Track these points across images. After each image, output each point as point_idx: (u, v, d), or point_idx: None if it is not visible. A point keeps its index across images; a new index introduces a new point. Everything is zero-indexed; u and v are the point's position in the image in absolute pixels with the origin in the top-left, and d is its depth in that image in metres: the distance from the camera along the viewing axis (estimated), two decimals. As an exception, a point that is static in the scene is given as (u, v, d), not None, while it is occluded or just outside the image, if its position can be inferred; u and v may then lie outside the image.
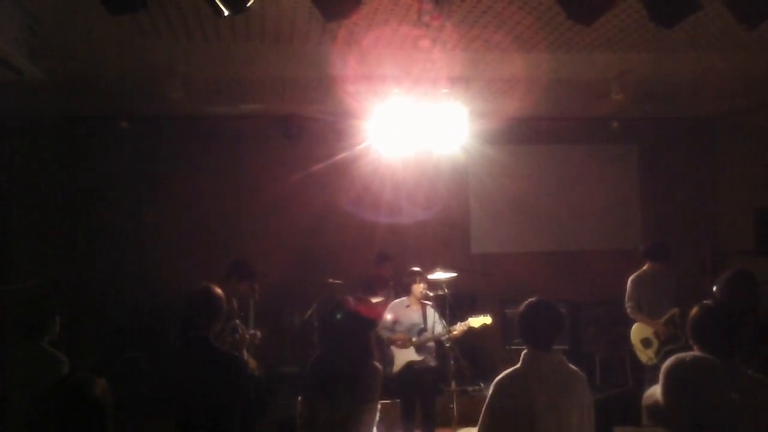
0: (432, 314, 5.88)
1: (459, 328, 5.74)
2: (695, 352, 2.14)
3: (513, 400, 3.03)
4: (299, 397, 3.39)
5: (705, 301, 2.81)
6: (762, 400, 2.51)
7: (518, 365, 3.13)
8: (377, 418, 3.34)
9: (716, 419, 1.97)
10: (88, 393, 2.14)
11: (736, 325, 2.72)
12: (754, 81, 6.57)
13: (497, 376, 3.16)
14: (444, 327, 5.79)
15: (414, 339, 5.83)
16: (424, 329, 5.84)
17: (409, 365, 5.80)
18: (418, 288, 5.83)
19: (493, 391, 3.10)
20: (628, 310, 6.34)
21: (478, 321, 5.76)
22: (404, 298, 5.99)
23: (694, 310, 2.78)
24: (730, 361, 2.61)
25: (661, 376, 2.09)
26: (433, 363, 5.88)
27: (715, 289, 3.95)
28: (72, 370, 3.65)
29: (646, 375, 6.24)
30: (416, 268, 5.95)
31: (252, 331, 5.44)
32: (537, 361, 3.09)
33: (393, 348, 5.87)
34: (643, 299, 6.29)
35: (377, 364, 3.41)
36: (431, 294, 5.98)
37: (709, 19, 4.90)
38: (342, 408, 3.23)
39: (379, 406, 3.36)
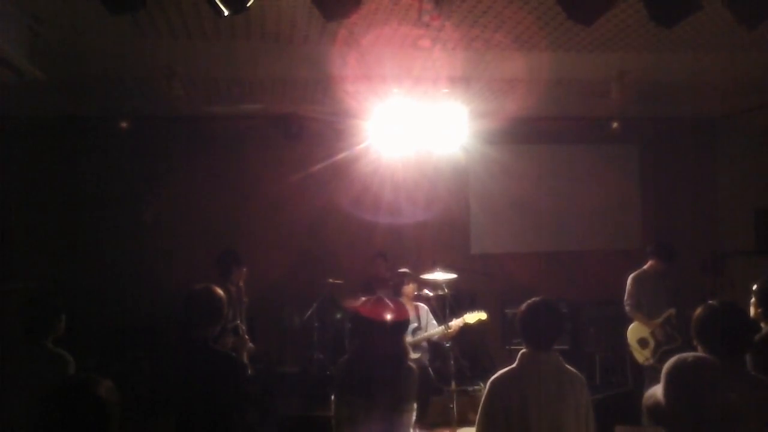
0: (425, 314, 6.06)
1: (455, 323, 5.90)
2: (697, 353, 2.14)
3: (507, 399, 3.02)
4: (333, 397, 3.40)
5: (709, 301, 2.80)
6: (764, 400, 2.50)
7: (514, 365, 3.13)
8: (414, 418, 3.35)
9: (718, 420, 1.97)
10: (92, 394, 2.13)
11: (740, 325, 2.71)
12: (754, 81, 6.57)
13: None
14: (436, 326, 5.97)
15: (410, 338, 5.94)
16: (419, 328, 5.98)
17: None
18: (409, 288, 6.03)
19: (488, 390, 3.11)
20: (627, 308, 6.34)
21: (473, 317, 5.94)
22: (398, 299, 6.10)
23: (698, 310, 2.78)
24: (733, 362, 2.61)
25: (662, 377, 2.09)
26: (427, 361, 6.03)
27: (753, 299, 3.85)
28: (76, 370, 3.63)
29: (645, 375, 6.24)
30: (404, 269, 6.17)
31: (250, 345, 5.53)
32: (533, 361, 3.09)
33: None
34: (642, 298, 6.28)
35: (412, 365, 3.43)
36: (431, 294, 6.12)
37: (709, 19, 4.90)
38: (381, 409, 3.23)
39: (415, 406, 3.36)
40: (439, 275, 6.06)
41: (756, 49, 5.67)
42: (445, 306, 6.05)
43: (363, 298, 3.62)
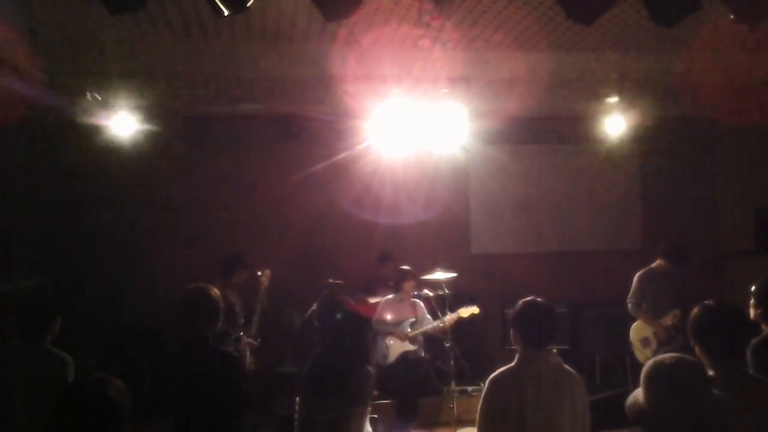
0: (422, 309, 6.33)
1: (449, 318, 6.07)
2: (675, 354, 2.16)
3: (504, 398, 3.02)
4: (297, 397, 3.41)
5: (706, 302, 2.80)
6: (763, 400, 2.51)
7: (512, 363, 3.13)
8: (367, 424, 3.33)
9: (698, 421, 1.97)
10: (102, 394, 2.13)
11: (738, 325, 2.71)
12: (754, 81, 6.57)
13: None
14: (431, 321, 6.24)
15: (408, 331, 6.19)
16: (416, 322, 6.25)
17: (404, 355, 6.15)
18: (409, 285, 6.26)
19: (487, 388, 3.11)
20: (629, 306, 6.30)
21: (467, 311, 6.12)
22: (396, 295, 6.35)
23: (695, 310, 2.78)
24: (731, 362, 2.61)
25: (641, 379, 2.09)
26: (422, 354, 6.27)
27: (752, 300, 3.82)
28: (75, 371, 3.63)
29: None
30: (407, 267, 6.35)
31: (250, 340, 5.61)
32: (531, 361, 3.08)
33: (389, 340, 6.17)
34: (647, 297, 6.26)
35: (370, 368, 3.42)
36: (431, 294, 6.27)
37: (709, 19, 4.90)
38: (331, 410, 3.23)
39: (368, 412, 3.34)
40: (440, 275, 6.11)
41: (756, 49, 5.68)
42: (445, 306, 6.10)
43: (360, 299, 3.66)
